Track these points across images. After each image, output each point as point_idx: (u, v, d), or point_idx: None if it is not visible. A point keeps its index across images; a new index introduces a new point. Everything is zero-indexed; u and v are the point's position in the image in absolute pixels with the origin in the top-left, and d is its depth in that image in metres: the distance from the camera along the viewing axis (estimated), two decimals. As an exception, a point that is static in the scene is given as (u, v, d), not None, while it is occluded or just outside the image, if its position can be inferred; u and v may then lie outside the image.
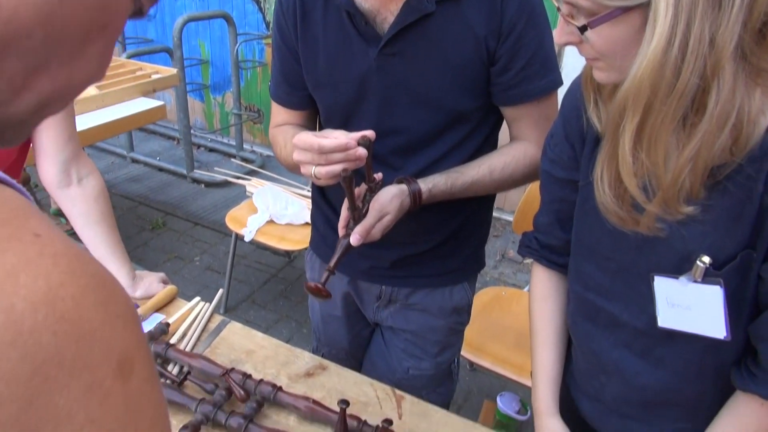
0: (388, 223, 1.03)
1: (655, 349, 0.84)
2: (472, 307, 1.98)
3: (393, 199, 1.03)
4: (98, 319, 0.22)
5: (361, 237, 1.00)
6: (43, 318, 0.20)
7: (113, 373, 0.22)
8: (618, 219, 0.73)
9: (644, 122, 0.64)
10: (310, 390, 1.12)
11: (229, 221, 2.53)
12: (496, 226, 3.56)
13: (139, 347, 0.24)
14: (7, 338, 0.18)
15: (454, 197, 1.12)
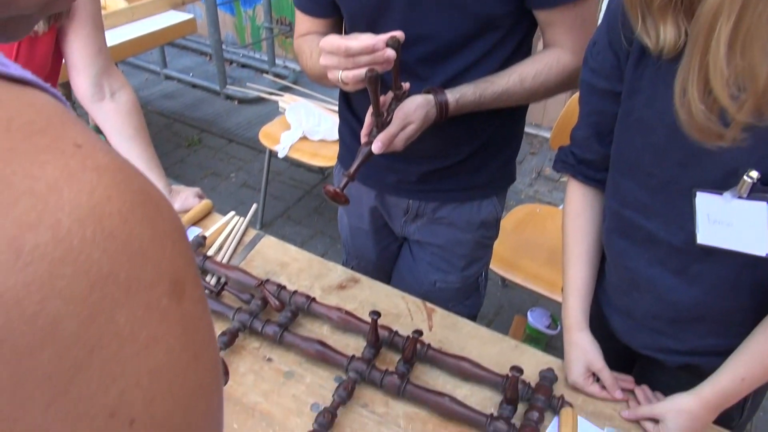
0: (412, 132, 1.00)
1: (692, 266, 0.82)
2: (506, 223, 1.99)
3: (418, 109, 1.00)
4: (147, 237, 0.21)
5: (383, 145, 0.97)
6: (92, 235, 0.19)
7: (168, 293, 0.21)
8: (701, 133, 0.69)
9: (740, 22, 0.59)
10: (343, 302, 1.15)
11: (263, 138, 2.53)
12: (533, 143, 3.48)
13: (189, 268, 0.23)
14: (57, 255, 0.18)
15: (483, 108, 1.07)
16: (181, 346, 0.21)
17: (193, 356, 0.22)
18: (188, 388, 0.22)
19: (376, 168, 1.25)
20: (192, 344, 0.22)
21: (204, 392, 0.23)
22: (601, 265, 1.00)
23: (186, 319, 0.22)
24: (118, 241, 0.19)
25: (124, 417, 0.19)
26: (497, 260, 1.82)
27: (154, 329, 0.20)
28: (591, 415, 0.94)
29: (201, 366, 0.23)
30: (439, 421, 0.93)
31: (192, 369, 0.22)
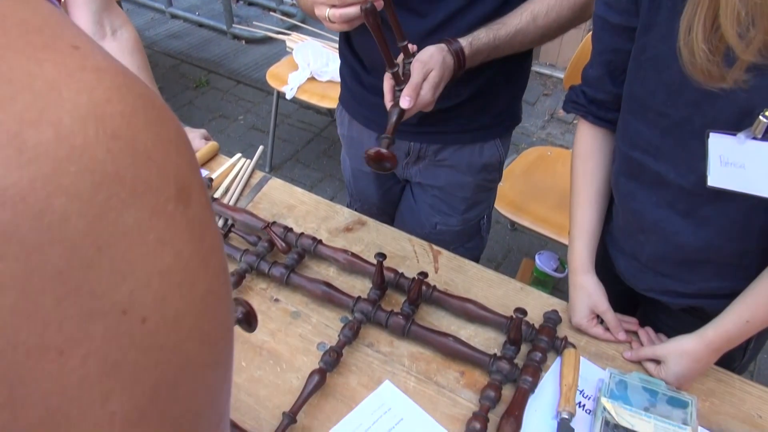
0: (436, 79, 0.96)
1: (700, 208, 0.81)
2: (516, 166, 1.97)
3: (434, 55, 0.96)
4: (151, 141, 0.20)
5: (411, 97, 0.93)
6: (95, 134, 0.18)
7: (174, 198, 0.21)
8: (705, 74, 0.66)
9: None
10: (349, 244, 1.15)
11: (270, 78, 2.49)
12: (546, 84, 3.40)
13: (193, 174, 0.23)
14: (61, 153, 0.17)
15: (500, 53, 1.04)
16: (189, 251, 0.21)
17: (201, 261, 0.22)
18: (198, 291, 0.22)
19: (378, 110, 1.23)
20: (200, 250, 0.22)
21: (214, 298, 0.23)
22: (609, 207, 0.99)
23: (193, 224, 0.22)
24: (121, 142, 0.19)
25: (136, 315, 0.19)
26: (506, 203, 1.81)
27: (162, 232, 0.20)
28: (594, 356, 0.96)
29: (210, 272, 0.23)
30: (442, 361, 0.95)
31: (201, 274, 0.22)
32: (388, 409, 0.89)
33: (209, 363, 0.23)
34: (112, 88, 0.20)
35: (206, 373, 0.23)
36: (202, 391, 0.23)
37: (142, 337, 0.20)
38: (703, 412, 0.87)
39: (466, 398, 0.90)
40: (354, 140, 1.37)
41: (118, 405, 0.20)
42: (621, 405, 0.82)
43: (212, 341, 0.23)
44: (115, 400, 0.19)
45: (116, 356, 0.19)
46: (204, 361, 0.23)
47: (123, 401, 0.20)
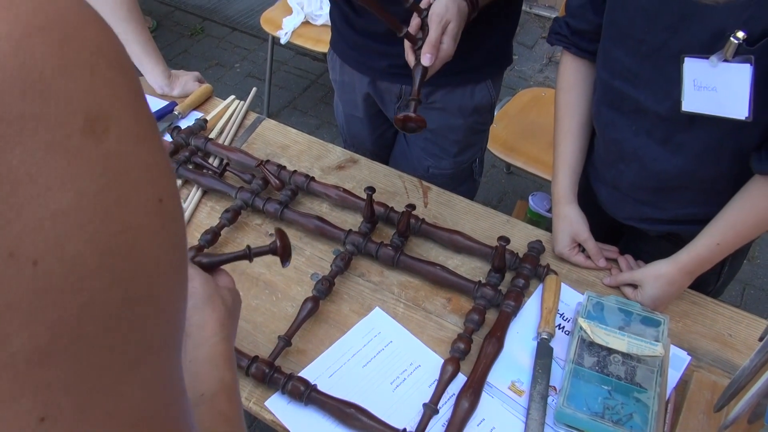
0: (455, 30, 0.94)
1: (676, 135, 0.83)
2: (510, 107, 1.98)
3: (449, 7, 0.94)
4: (50, 68, 0.18)
5: (432, 54, 0.92)
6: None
7: (81, 130, 0.19)
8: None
9: None
10: (341, 181, 1.18)
11: (264, 23, 2.46)
12: (545, 26, 3.35)
13: (116, 101, 0.21)
14: None
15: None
16: (98, 188, 0.20)
17: (117, 197, 0.21)
18: (107, 230, 0.21)
19: (369, 53, 1.23)
20: (116, 186, 0.21)
21: (133, 235, 0.22)
22: (591, 140, 1.02)
23: (109, 158, 0.20)
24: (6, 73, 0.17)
25: (25, 257, 0.19)
26: (499, 144, 1.83)
27: (59, 171, 0.19)
28: (575, 283, 1.00)
29: (129, 208, 0.21)
30: (430, 288, 0.99)
31: (115, 211, 0.21)
32: (378, 333, 0.94)
33: (126, 299, 0.22)
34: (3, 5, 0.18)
35: (122, 309, 0.22)
36: (116, 327, 0.22)
37: (34, 279, 0.19)
38: (676, 331, 0.92)
39: (452, 322, 0.95)
40: (346, 85, 1.37)
41: (18, 346, 0.19)
42: (597, 324, 0.87)
43: (130, 278, 0.22)
44: (15, 341, 0.19)
45: (7, 299, 0.19)
46: (117, 298, 0.22)
47: (23, 342, 0.19)
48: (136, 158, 0.22)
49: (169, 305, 0.25)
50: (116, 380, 0.23)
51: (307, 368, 0.88)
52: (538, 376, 0.86)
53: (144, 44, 1.30)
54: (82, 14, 0.20)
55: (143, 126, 0.23)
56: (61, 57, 0.19)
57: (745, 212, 0.82)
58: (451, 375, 0.85)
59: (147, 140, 0.23)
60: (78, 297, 0.20)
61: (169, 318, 0.25)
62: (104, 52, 0.21)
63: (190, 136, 1.22)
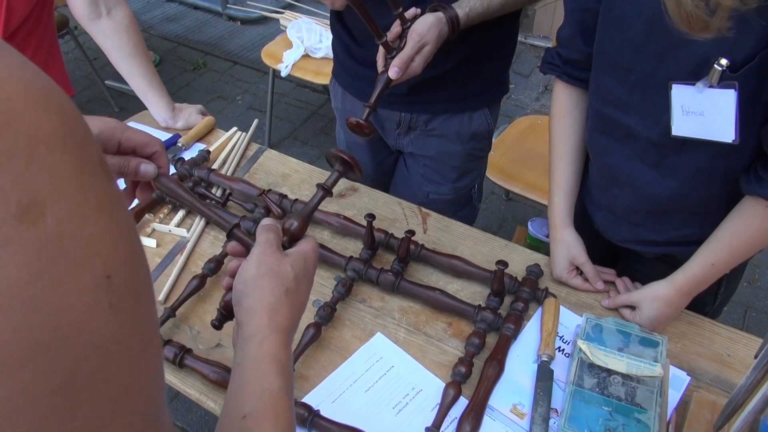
0: (429, 53, 0.99)
1: (667, 158, 0.86)
2: (507, 135, 2.01)
3: (431, 28, 0.98)
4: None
5: (400, 69, 0.97)
6: None
7: (14, 218, 0.19)
8: (688, 23, 0.69)
9: None
10: (342, 209, 1.20)
11: (265, 57, 2.52)
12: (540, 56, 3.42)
13: (56, 184, 0.20)
14: None
15: (492, 16, 1.07)
16: (30, 275, 0.20)
17: (53, 281, 0.21)
18: (40, 318, 0.21)
19: (368, 82, 1.27)
20: (52, 268, 0.20)
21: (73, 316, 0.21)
22: (586, 165, 1.04)
23: (46, 242, 0.20)
24: None
25: None
26: (497, 171, 1.85)
27: None
28: (573, 306, 1.01)
29: (67, 292, 0.21)
30: (431, 313, 1.01)
31: (52, 294, 0.21)
32: (380, 358, 0.94)
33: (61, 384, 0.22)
34: None
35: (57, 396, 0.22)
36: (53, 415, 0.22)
37: None
38: (674, 352, 0.93)
39: (453, 346, 0.96)
40: (347, 112, 1.41)
41: None
42: (596, 346, 0.88)
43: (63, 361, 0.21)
44: None
45: None
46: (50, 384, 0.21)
47: None
48: (78, 237, 0.21)
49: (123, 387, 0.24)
50: None
51: (310, 394, 0.89)
52: (539, 399, 0.86)
53: (149, 79, 1.33)
54: (25, 101, 0.20)
55: (89, 203, 0.22)
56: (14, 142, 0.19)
57: (737, 232, 0.84)
58: (453, 398, 0.86)
59: (94, 216, 0.22)
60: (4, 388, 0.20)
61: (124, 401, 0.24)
62: (44, 136, 0.20)
63: (193, 167, 1.24)
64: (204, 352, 0.93)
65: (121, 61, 1.31)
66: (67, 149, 0.21)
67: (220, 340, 0.96)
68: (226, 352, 0.94)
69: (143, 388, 0.26)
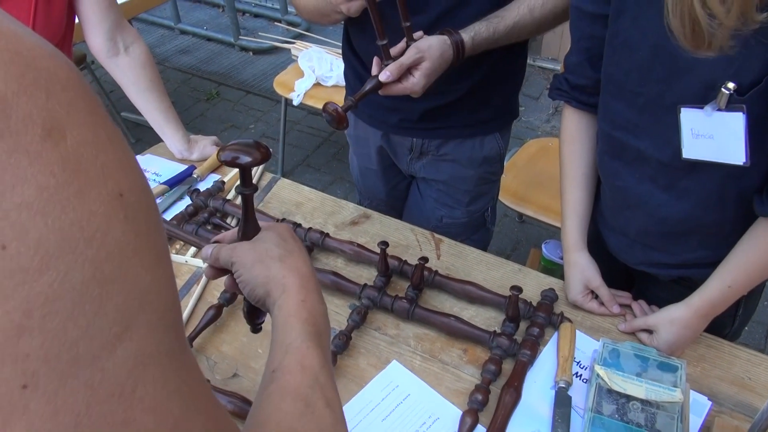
0: (427, 70, 1.00)
1: (679, 181, 0.86)
2: (519, 158, 2.02)
3: (432, 46, 1.00)
4: (12, 91, 0.23)
5: (391, 73, 0.97)
6: None
7: (40, 138, 0.23)
8: (692, 42, 0.70)
9: None
10: (355, 236, 1.21)
11: (277, 86, 2.56)
12: (549, 78, 3.44)
13: (72, 115, 0.25)
14: None
15: (498, 44, 1.09)
16: (58, 183, 0.24)
17: (76, 191, 0.25)
18: (68, 218, 0.24)
19: (381, 108, 1.29)
20: (74, 180, 0.24)
21: (94, 221, 0.25)
22: (597, 187, 1.04)
23: (67, 159, 0.24)
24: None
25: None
26: (509, 194, 1.86)
27: (22, 171, 0.23)
28: (590, 330, 1.00)
29: (88, 199, 0.25)
30: (446, 340, 1.00)
31: (75, 202, 0.24)
32: (396, 386, 0.94)
33: (94, 278, 0.25)
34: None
35: (91, 287, 0.25)
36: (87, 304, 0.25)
37: (3, 261, 0.23)
38: (694, 376, 0.92)
39: (469, 373, 0.95)
40: (360, 139, 1.43)
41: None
42: (614, 371, 0.87)
43: (95, 259, 0.25)
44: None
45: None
46: (84, 277, 0.25)
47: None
48: (93, 160, 0.26)
49: (143, 287, 0.27)
50: (95, 354, 0.25)
51: (327, 424, 0.89)
52: (558, 426, 0.85)
53: (165, 112, 1.36)
54: (40, 50, 0.25)
55: (100, 134, 0.27)
56: (20, 83, 0.23)
57: (752, 254, 0.83)
58: (471, 427, 0.85)
59: (105, 145, 0.26)
60: (45, 276, 0.24)
61: (146, 300, 0.28)
62: (59, 78, 0.25)
63: (208, 198, 1.26)
64: (221, 383, 0.94)
65: (137, 96, 1.34)
66: (78, 91, 0.26)
67: (236, 370, 0.96)
68: (243, 382, 0.95)
69: (160, 294, 0.29)
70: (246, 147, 0.62)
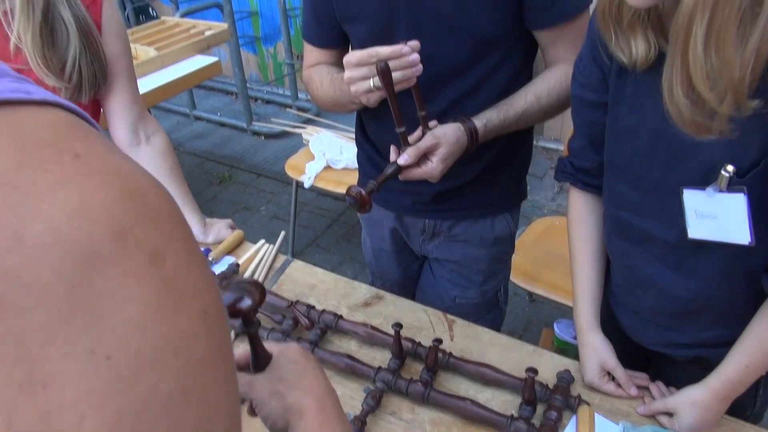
0: (444, 155, 1.04)
1: (687, 260, 0.87)
2: (527, 237, 2.04)
3: (448, 133, 1.05)
4: (129, 222, 0.26)
5: (410, 157, 1.02)
6: (78, 223, 0.24)
7: (146, 263, 0.27)
8: (691, 127, 0.73)
9: (712, 22, 0.65)
10: (368, 318, 1.22)
11: (289, 169, 2.64)
12: (553, 157, 3.52)
13: (171, 243, 0.28)
14: (48, 240, 0.24)
15: (508, 130, 1.14)
16: (158, 302, 0.27)
17: (171, 309, 0.27)
18: (164, 333, 0.27)
19: (394, 191, 1.33)
20: (170, 300, 0.27)
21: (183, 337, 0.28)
22: (607, 267, 1.05)
23: (166, 280, 0.27)
24: (101, 226, 0.25)
25: (101, 354, 0.25)
26: (519, 273, 1.86)
27: (131, 291, 0.26)
28: (608, 413, 0.99)
29: (180, 316, 0.28)
30: (462, 425, 0.99)
31: (169, 319, 0.27)
32: (413, 473, 0.92)
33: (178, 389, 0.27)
34: (100, 185, 0.26)
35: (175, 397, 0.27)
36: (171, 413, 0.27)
37: (107, 371, 0.25)
38: (719, 460, 0.89)
39: (487, 459, 0.93)
40: (374, 221, 1.46)
41: (91, 426, 0.24)
42: (636, 456, 0.85)
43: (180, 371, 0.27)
44: (88, 421, 0.24)
45: (86, 386, 0.24)
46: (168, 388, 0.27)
47: (95, 423, 0.24)
48: (185, 281, 0.29)
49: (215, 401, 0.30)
50: None
51: None
52: None
53: (182, 199, 1.41)
54: (150, 186, 0.29)
55: (191, 258, 0.30)
56: (136, 215, 0.27)
57: (767, 333, 0.83)
58: None
59: (194, 267, 0.30)
60: (138, 386, 0.26)
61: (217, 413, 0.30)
62: (164, 210, 0.29)
63: (223, 281, 1.28)
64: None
65: (157, 181, 1.39)
66: (177, 221, 0.30)
67: (249, 458, 0.94)
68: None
69: (231, 406, 0.31)
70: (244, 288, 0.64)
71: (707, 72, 0.68)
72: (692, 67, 0.68)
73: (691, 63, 0.68)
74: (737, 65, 0.66)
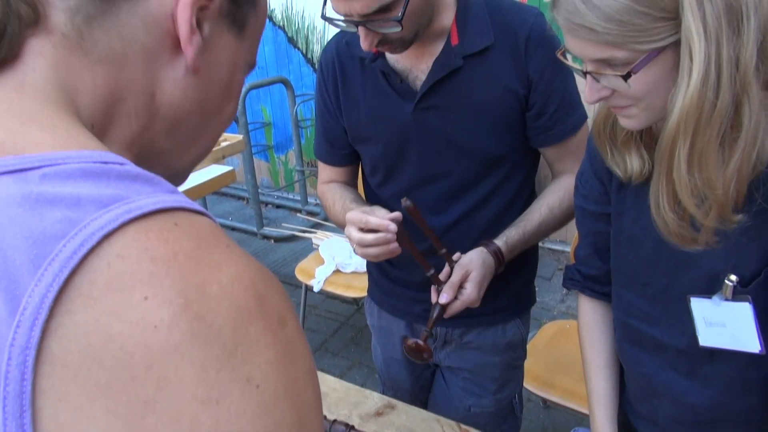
0: (477, 279, 1.11)
1: (701, 368, 0.87)
2: (538, 342, 2.02)
3: (474, 259, 1.12)
4: (265, 292, 0.36)
5: (448, 294, 1.10)
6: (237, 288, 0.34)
7: (276, 322, 0.35)
8: (680, 238, 0.77)
9: (694, 145, 0.69)
10: (381, 428, 1.19)
11: (299, 273, 2.67)
12: (560, 259, 3.55)
13: (289, 312, 0.37)
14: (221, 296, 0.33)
15: (530, 243, 1.20)
16: (284, 353, 0.35)
17: (291, 361, 0.36)
18: (289, 377, 0.35)
19: (404, 300, 1.35)
20: (291, 354, 0.36)
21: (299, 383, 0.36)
22: (622, 374, 1.05)
23: (287, 339, 0.36)
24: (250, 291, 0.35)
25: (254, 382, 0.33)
26: (533, 379, 1.83)
27: (269, 339, 0.34)
28: None
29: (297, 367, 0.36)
30: None
31: (291, 367, 0.35)
32: None
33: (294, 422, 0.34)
34: (245, 265, 0.36)
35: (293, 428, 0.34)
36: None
37: (257, 396, 0.33)
38: None
39: None
40: (384, 329, 1.46)
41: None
42: None
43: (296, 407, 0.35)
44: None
45: (243, 406, 0.32)
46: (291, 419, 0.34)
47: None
48: (299, 343, 0.37)
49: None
50: None
51: None
52: None
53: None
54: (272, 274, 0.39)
55: (299, 326, 0.38)
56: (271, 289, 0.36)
57: None
58: None
59: (302, 335, 0.38)
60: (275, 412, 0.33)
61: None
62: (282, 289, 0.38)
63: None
64: None
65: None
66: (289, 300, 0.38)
67: None
68: None
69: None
70: None
71: (691, 190, 0.72)
72: (677, 185, 0.73)
73: (676, 182, 0.73)
74: (720, 184, 0.70)
